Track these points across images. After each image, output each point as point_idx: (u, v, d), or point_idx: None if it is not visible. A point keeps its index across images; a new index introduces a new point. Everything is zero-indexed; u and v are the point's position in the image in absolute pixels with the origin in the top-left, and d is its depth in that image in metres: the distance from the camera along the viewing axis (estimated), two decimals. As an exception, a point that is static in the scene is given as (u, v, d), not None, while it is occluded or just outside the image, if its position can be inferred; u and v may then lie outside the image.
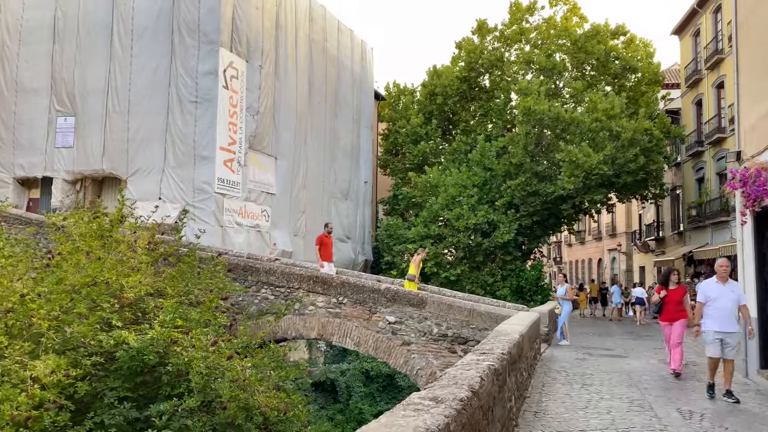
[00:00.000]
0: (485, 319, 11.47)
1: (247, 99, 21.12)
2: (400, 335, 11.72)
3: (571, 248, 63.10)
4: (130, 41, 20.55)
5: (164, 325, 8.60)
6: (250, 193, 21.21)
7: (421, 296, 11.75)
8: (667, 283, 10.27)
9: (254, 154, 21.62)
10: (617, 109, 25.62)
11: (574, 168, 24.55)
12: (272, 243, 22.18)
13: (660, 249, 36.91)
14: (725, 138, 26.68)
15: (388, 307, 11.83)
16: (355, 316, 12.01)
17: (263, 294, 12.51)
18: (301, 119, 24.31)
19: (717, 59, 27.26)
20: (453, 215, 26.64)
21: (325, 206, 26.39)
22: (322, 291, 12.21)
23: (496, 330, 7.35)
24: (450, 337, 11.52)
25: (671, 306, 10.02)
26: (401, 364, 11.69)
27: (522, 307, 13.68)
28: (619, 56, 30.25)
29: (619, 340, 16.03)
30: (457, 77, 31.53)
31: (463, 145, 30.51)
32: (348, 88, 28.51)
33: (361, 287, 11.97)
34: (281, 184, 22.94)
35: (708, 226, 28.19)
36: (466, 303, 11.68)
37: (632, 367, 10.53)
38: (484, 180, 28.37)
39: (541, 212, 27.33)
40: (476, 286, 27.12)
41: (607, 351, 13.02)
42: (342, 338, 12.02)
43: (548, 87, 28.81)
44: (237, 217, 20.49)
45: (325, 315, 12.16)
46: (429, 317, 11.66)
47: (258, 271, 12.56)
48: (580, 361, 11.24)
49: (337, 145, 27.48)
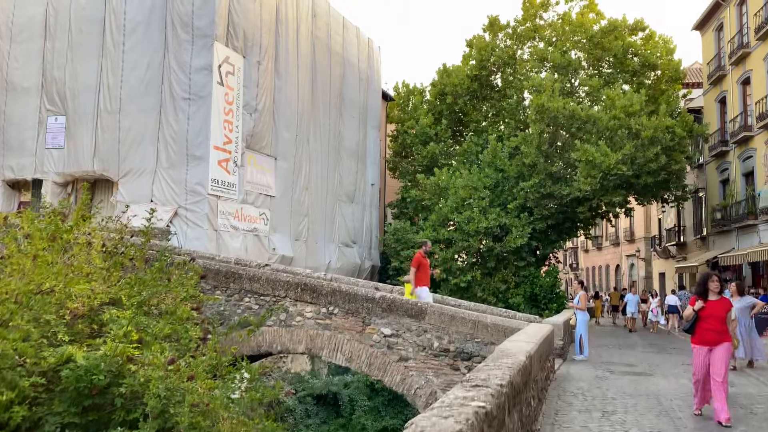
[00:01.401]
0: (492, 332, 10.24)
1: (244, 96, 20.09)
2: (397, 350, 10.51)
3: (587, 254, 61.50)
4: (122, 37, 19.62)
5: (118, 339, 7.46)
6: (247, 195, 20.14)
7: (420, 306, 10.53)
8: (706, 292, 7.78)
9: (252, 155, 20.56)
10: (636, 106, 24.23)
11: (591, 168, 23.19)
12: (271, 248, 21.07)
13: (681, 255, 35.33)
14: (752, 137, 25.20)
15: (384, 318, 10.63)
16: (346, 328, 10.82)
17: (246, 303, 11.37)
18: (303, 118, 23.23)
19: (742, 53, 25.82)
20: (463, 218, 25.38)
21: (329, 209, 25.27)
22: (311, 300, 11.03)
23: (499, 349, 6.11)
24: (452, 353, 10.29)
25: (711, 324, 7.55)
26: (397, 382, 10.47)
27: (534, 318, 12.41)
28: (638, 53, 28.86)
29: (642, 353, 14.67)
30: (467, 76, 30.30)
31: (474, 146, 29.27)
32: (354, 87, 27.41)
33: (354, 296, 10.78)
34: (281, 186, 21.85)
35: (734, 230, 26.67)
36: (471, 314, 10.44)
37: (660, 389, 9.21)
38: (496, 182, 27.09)
39: (556, 215, 25.98)
40: (488, 293, 25.84)
41: (629, 367, 11.69)
42: (332, 353, 10.83)
43: (563, 85, 27.51)
44: (233, 220, 19.42)
45: (313, 327, 10.99)
46: (429, 330, 10.44)
47: (241, 277, 11.43)
48: (600, 381, 9.95)
49: (342, 145, 26.36)
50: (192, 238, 18.23)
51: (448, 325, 10.35)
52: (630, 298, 25.23)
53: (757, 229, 24.57)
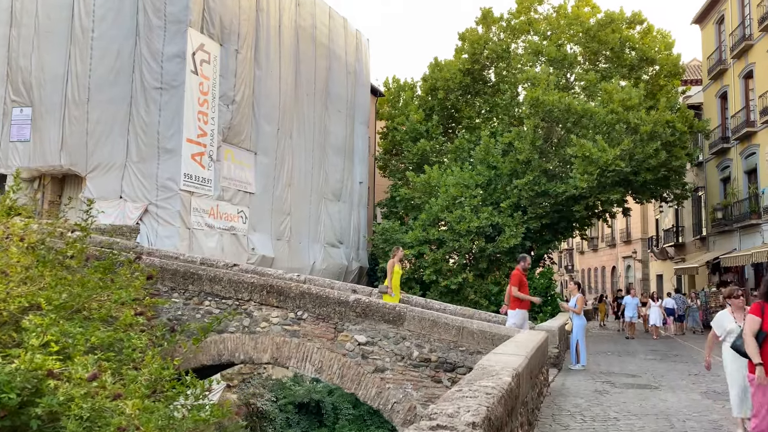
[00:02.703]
0: (478, 340, 9.12)
1: (220, 87, 18.94)
2: (372, 359, 9.37)
3: (583, 256, 60.51)
4: (92, 23, 18.46)
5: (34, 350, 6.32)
6: (223, 192, 18.98)
7: (398, 311, 9.40)
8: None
9: (229, 149, 19.41)
10: (635, 100, 23.18)
11: (588, 164, 22.10)
12: (250, 248, 19.91)
13: (680, 256, 34.32)
14: (755, 132, 24.19)
15: (358, 324, 9.49)
16: (317, 335, 9.68)
17: (207, 307, 10.22)
18: (286, 112, 22.09)
19: (745, 46, 24.81)
20: (454, 218, 24.27)
21: (314, 208, 24.12)
22: (278, 304, 9.89)
23: (480, 366, 4.99)
24: (434, 363, 9.16)
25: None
26: (373, 395, 9.33)
27: (526, 324, 11.29)
28: (636, 46, 27.85)
29: (644, 361, 13.56)
30: (459, 70, 29.22)
31: (466, 143, 28.17)
32: (341, 80, 26.28)
33: (325, 299, 9.64)
34: (262, 182, 20.70)
35: (735, 230, 25.63)
36: (455, 319, 9.32)
37: (670, 406, 8.09)
38: (489, 179, 25.99)
39: (551, 214, 24.88)
40: (480, 296, 24.73)
41: (632, 378, 10.57)
42: (300, 362, 9.68)
43: (558, 80, 26.45)
44: (207, 218, 18.26)
45: (280, 333, 9.84)
46: (408, 337, 9.31)
47: (200, 279, 10.27)
48: (600, 396, 8.83)
49: (328, 141, 25.22)
50: (163, 237, 17.08)
51: (429, 332, 9.23)
52: (629, 301, 23.42)
53: (760, 229, 23.54)
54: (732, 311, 6.95)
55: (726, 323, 6.89)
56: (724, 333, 6.87)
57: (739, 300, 6.93)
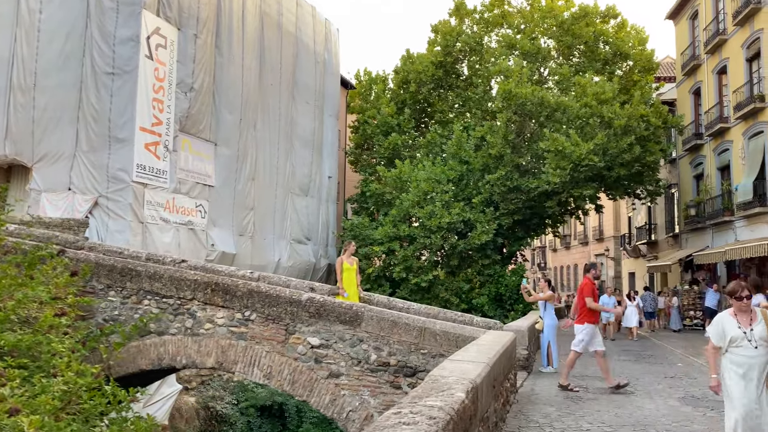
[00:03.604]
0: (441, 342, 8.39)
1: (178, 73, 17.94)
2: (326, 364, 8.58)
3: (556, 253, 60.46)
4: (39, 4, 17.24)
5: None
6: (180, 184, 17.98)
7: (355, 311, 8.62)
8: None
9: (187, 139, 18.42)
10: (609, 94, 22.72)
11: (561, 159, 21.57)
12: (210, 244, 18.96)
13: (652, 253, 34.13)
14: (728, 128, 23.91)
15: (311, 326, 8.69)
16: (266, 338, 8.86)
17: (146, 306, 9.31)
18: (249, 101, 21.14)
19: (718, 41, 24.51)
20: (425, 213, 23.59)
21: (280, 202, 23.19)
22: (224, 303, 9.04)
23: (432, 377, 4.24)
24: (393, 367, 8.41)
25: None
26: (326, 403, 8.55)
27: (494, 323, 10.60)
28: (610, 41, 27.48)
29: (617, 362, 12.96)
30: (432, 63, 28.55)
31: (439, 138, 27.54)
32: (309, 70, 25.37)
33: (276, 298, 8.81)
34: (222, 175, 19.73)
35: (708, 227, 25.37)
36: (417, 319, 8.57)
37: (647, 414, 7.43)
38: (461, 174, 25.38)
39: (523, 211, 24.34)
40: (450, 294, 24.11)
41: (605, 382, 9.91)
42: (247, 368, 8.85)
43: (532, 73, 25.93)
44: (162, 211, 17.26)
45: (226, 335, 9.00)
46: (366, 339, 8.54)
47: (139, 275, 9.36)
48: (572, 403, 8.15)
49: (295, 133, 24.30)
50: (113, 231, 16.06)
51: (388, 334, 8.47)
52: (605, 300, 22.34)
53: (733, 226, 23.27)
54: (735, 313, 5.52)
55: (728, 330, 5.45)
56: (726, 343, 5.44)
57: (743, 303, 5.46)
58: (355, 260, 11.51)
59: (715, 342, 5.54)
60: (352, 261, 11.37)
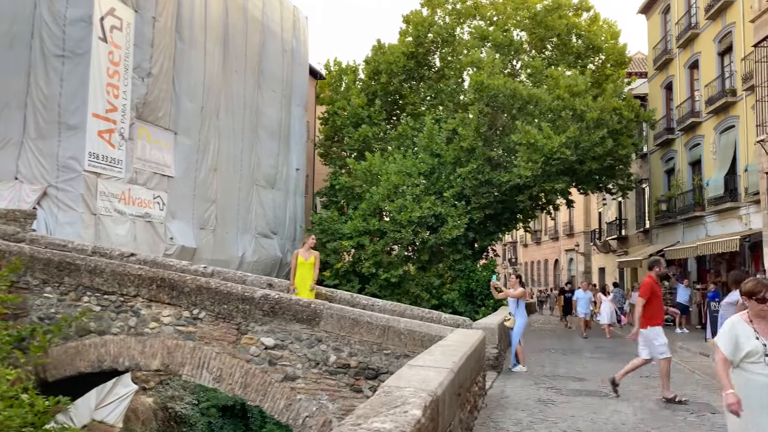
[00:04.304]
0: (406, 341, 7.80)
1: (135, 57, 17.01)
2: (281, 366, 7.93)
3: (527, 249, 60.51)
4: (-16, -19, 16.23)
5: None
6: (137, 175, 17.08)
7: (313, 308, 7.97)
8: None
9: (145, 127, 17.50)
10: (582, 86, 22.37)
11: (533, 152, 21.16)
12: (168, 237, 18.09)
13: (623, 249, 34.08)
14: (700, 123, 23.78)
15: (265, 324, 8.03)
16: (216, 338, 8.16)
17: (85, 304, 8.54)
18: (212, 89, 20.27)
19: (690, 35, 24.35)
20: (395, 207, 23.00)
21: (244, 195, 22.37)
22: (170, 300, 8.31)
23: (385, 388, 3.64)
24: (354, 369, 7.79)
25: None
26: (281, 408, 7.90)
27: (462, 321, 10.04)
28: (582, 34, 27.19)
29: (590, 360, 12.55)
30: (403, 53, 27.92)
31: (410, 130, 26.94)
32: (275, 58, 24.53)
33: (226, 295, 8.12)
34: (182, 165, 18.86)
35: (679, 222, 25.26)
36: (380, 317, 7.95)
37: (624, 420, 6.91)
38: (432, 168, 24.83)
39: (495, 205, 23.91)
40: (421, 289, 23.59)
41: (579, 383, 9.44)
42: (196, 370, 8.15)
43: (504, 65, 25.51)
44: (117, 203, 16.35)
45: (173, 335, 8.28)
46: (325, 339, 7.90)
47: (78, 270, 8.58)
48: (545, 407, 7.63)
49: (261, 123, 23.47)
50: (63, 223, 15.13)
51: (349, 333, 7.84)
52: (581, 295, 20.50)
53: (703, 221, 23.15)
54: (750, 318, 4.48)
55: (742, 340, 4.41)
56: (740, 355, 4.39)
57: (765, 306, 4.38)
58: (314, 255, 10.82)
59: (726, 354, 4.44)
60: (308, 255, 10.69)
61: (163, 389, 18.67)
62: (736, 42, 21.02)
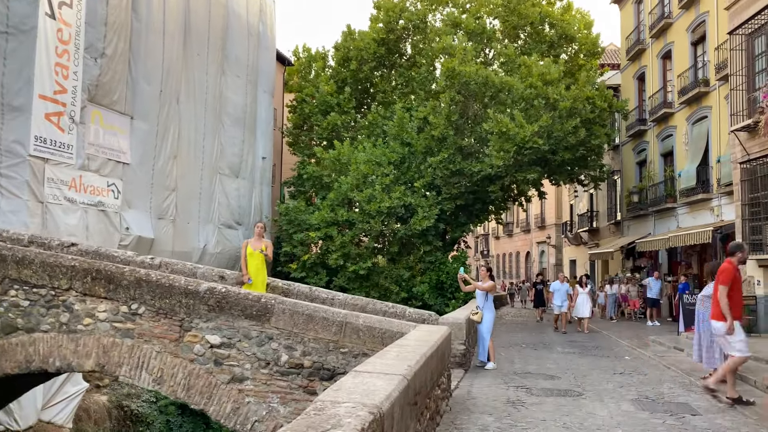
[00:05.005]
0: (365, 338, 7.18)
1: (86, 36, 15.98)
2: (228, 366, 7.25)
3: (498, 241, 60.42)
4: None
5: None
6: (89, 161, 16.11)
7: (263, 303, 7.30)
8: None
9: (98, 110, 16.51)
10: (555, 75, 21.93)
11: (504, 141, 20.68)
12: (124, 228, 17.17)
13: (594, 241, 33.95)
14: (672, 113, 23.55)
15: (211, 321, 7.33)
16: (157, 335, 7.44)
17: (12, 298, 7.73)
18: (172, 72, 19.31)
19: (664, 24, 24.08)
20: (364, 197, 22.36)
21: (206, 184, 21.48)
22: (107, 294, 7.56)
23: (318, 405, 3.01)
24: (308, 369, 7.15)
25: None
26: (227, 412, 7.22)
27: (428, 315, 9.48)
28: (555, 23, 26.79)
29: (562, 356, 12.08)
30: (374, 39, 27.23)
31: (380, 118, 26.31)
32: (240, 42, 23.60)
33: (168, 288, 7.39)
34: (140, 151, 17.90)
35: (650, 214, 25.07)
36: (336, 313, 7.32)
37: (600, 424, 6.36)
38: (402, 157, 24.25)
39: (466, 195, 23.41)
40: (390, 282, 23.03)
41: (551, 381, 8.91)
42: (134, 371, 7.42)
43: (477, 53, 24.96)
44: (67, 191, 15.38)
45: (109, 332, 7.53)
46: (276, 337, 7.24)
47: (5, 260, 7.77)
48: (514, 409, 7.07)
49: (225, 110, 22.56)
50: (7, 212, 14.11)
51: (303, 330, 7.19)
52: (557, 287, 19.15)
53: (675, 213, 22.96)
54: None
55: None
56: None
57: None
58: (264, 243, 10.08)
59: None
60: (259, 244, 9.98)
61: (118, 387, 17.79)
62: (710, 31, 20.76)
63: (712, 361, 8.77)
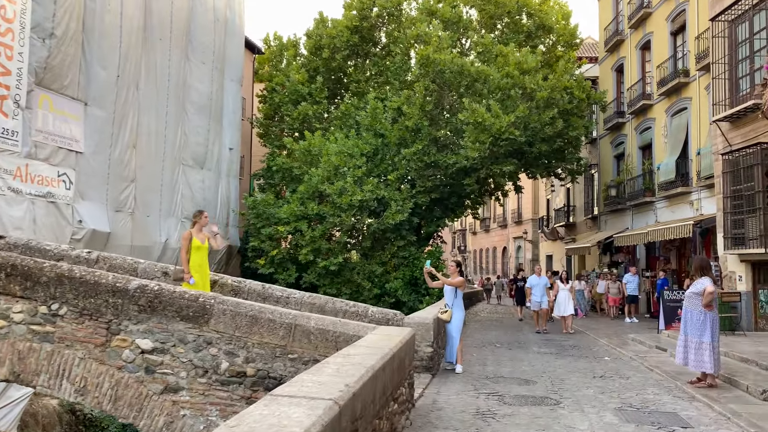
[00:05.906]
0: (317, 343, 6.37)
1: (33, 15, 14.88)
2: (162, 374, 6.39)
3: (475, 236, 59.97)
4: None
5: None
6: (37, 149, 15.04)
7: (202, 303, 6.44)
8: None
9: (47, 95, 15.42)
10: (532, 64, 21.27)
11: (480, 132, 19.96)
12: (76, 221, 16.12)
13: (571, 236, 33.51)
14: (651, 105, 23.05)
15: (142, 323, 6.46)
16: (80, 339, 6.55)
17: None
18: (130, 56, 18.23)
19: (643, 14, 23.55)
20: (335, 190, 21.50)
21: (168, 175, 20.44)
22: (23, 293, 6.65)
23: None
24: (251, 378, 6.32)
25: None
26: (160, 427, 6.36)
27: (393, 315, 8.70)
28: (533, 13, 26.16)
29: (538, 357, 11.37)
30: (347, 27, 26.34)
31: (353, 109, 25.46)
32: (206, 27, 22.55)
33: (94, 286, 6.51)
34: (94, 139, 16.83)
35: (628, 208, 24.58)
36: (285, 314, 6.49)
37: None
38: (375, 149, 23.43)
39: (441, 189, 22.69)
40: (363, 278, 22.23)
41: (525, 387, 8.17)
42: (54, 380, 6.52)
43: (453, 43, 24.20)
44: (12, 180, 14.32)
45: (25, 336, 6.62)
46: (216, 341, 6.40)
47: None
48: (483, 422, 6.31)
49: (188, 98, 21.52)
50: (-57, 203, 13.09)
51: (246, 334, 6.36)
52: (535, 281, 17.54)
53: (653, 207, 22.48)
54: None
55: None
56: None
57: None
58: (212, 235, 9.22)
59: None
60: (205, 237, 9.12)
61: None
62: (690, 21, 20.25)
63: (701, 363, 8.12)
